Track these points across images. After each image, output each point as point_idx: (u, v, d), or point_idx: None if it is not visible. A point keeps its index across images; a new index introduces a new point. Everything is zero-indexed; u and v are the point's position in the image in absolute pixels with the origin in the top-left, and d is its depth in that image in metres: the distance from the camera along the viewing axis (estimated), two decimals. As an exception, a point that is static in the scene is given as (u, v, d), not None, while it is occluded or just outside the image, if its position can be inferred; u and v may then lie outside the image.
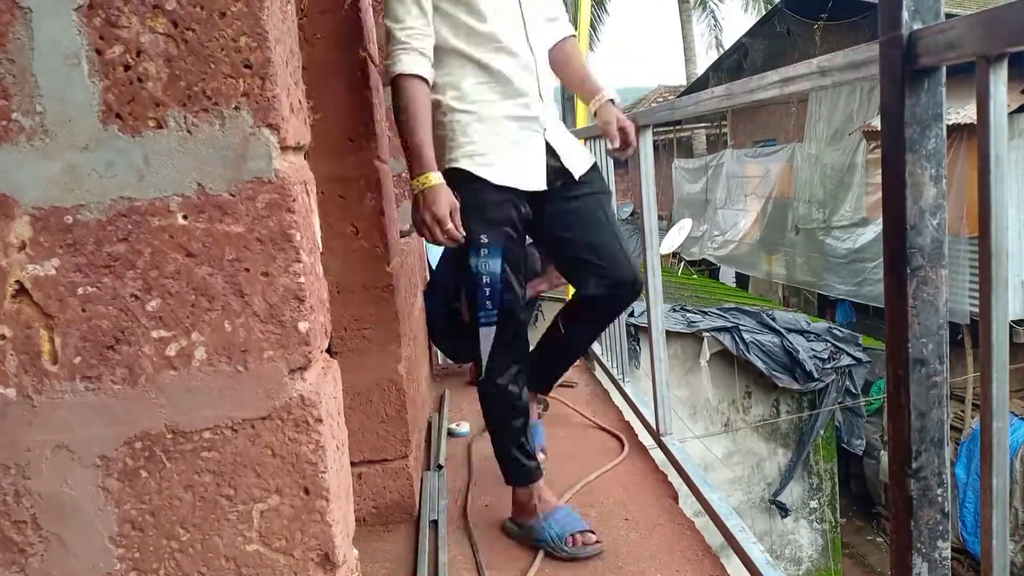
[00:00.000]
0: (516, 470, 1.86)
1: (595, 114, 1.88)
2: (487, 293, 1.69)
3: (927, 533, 0.93)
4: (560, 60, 1.89)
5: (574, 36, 1.95)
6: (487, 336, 1.73)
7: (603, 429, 2.59)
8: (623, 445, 2.42)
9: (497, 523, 1.96)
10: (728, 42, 16.90)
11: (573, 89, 2.02)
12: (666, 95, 17.35)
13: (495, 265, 1.69)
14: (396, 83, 1.60)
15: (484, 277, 1.68)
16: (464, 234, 1.62)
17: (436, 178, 1.59)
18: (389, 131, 2.25)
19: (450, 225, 1.58)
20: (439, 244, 1.63)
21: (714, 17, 19.51)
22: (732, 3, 19.41)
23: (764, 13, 15.17)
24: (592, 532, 1.78)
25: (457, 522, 2.01)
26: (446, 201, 1.58)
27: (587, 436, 2.53)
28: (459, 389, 3.14)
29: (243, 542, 0.78)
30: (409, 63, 1.60)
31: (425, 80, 1.62)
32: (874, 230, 8.55)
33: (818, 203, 9.70)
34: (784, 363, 6.26)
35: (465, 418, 2.79)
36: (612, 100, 1.87)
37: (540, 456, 2.04)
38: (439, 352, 3.45)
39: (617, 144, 1.83)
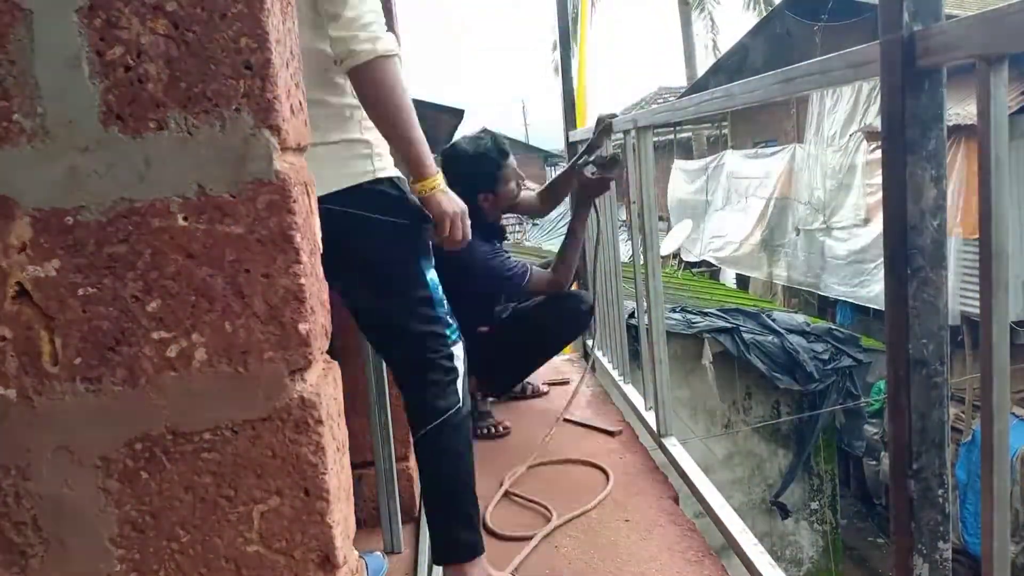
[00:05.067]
0: (471, 537, 1.52)
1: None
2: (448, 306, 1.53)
3: (928, 534, 0.93)
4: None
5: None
6: (459, 354, 1.53)
7: (586, 463, 2.36)
8: (608, 478, 2.21)
9: (494, 521, 1.96)
10: (725, 44, 16.93)
11: None
12: (666, 97, 17.35)
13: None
14: (388, 65, 1.31)
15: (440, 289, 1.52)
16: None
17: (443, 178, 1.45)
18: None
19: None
20: (459, 245, 1.47)
21: (711, 19, 19.47)
22: (731, 4, 19.34)
23: (764, 13, 15.16)
24: None
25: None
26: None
27: (567, 470, 2.36)
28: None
29: (243, 543, 0.78)
30: (394, 43, 1.34)
31: None
32: (872, 232, 8.55)
33: (818, 204, 9.70)
34: (784, 364, 6.25)
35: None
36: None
37: None
38: None
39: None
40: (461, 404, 1.49)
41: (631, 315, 4.93)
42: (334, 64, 1.34)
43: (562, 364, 3.61)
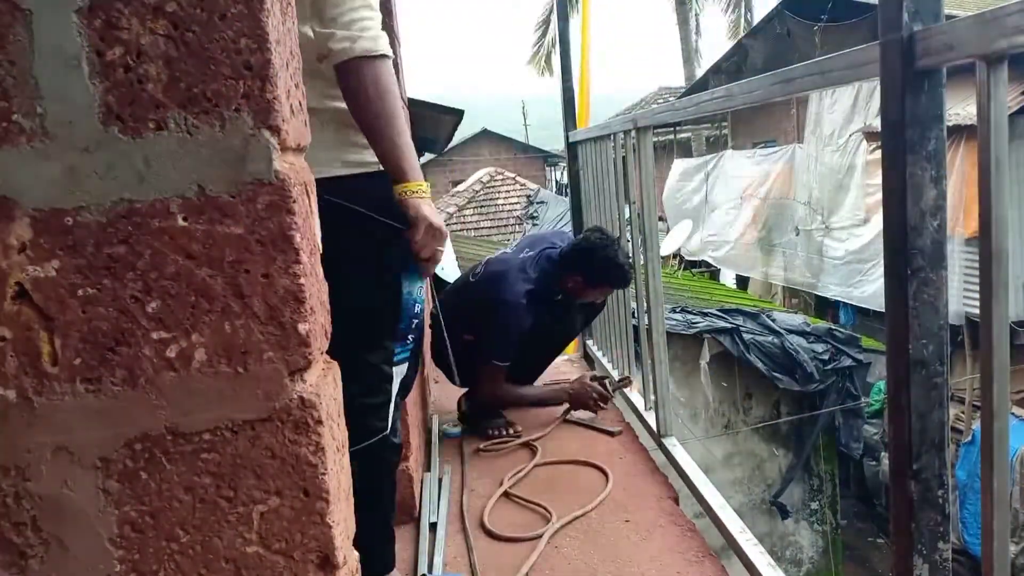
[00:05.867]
0: (387, 553, 1.55)
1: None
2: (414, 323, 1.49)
3: (928, 534, 0.93)
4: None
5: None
6: (398, 376, 1.47)
7: (586, 464, 2.38)
8: (608, 478, 2.22)
9: (493, 522, 1.96)
10: (708, 49, 17.07)
11: None
12: (666, 97, 17.35)
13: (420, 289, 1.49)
14: (365, 66, 1.26)
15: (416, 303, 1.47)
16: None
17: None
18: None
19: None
20: (427, 260, 1.40)
21: (697, 22, 19.46)
22: (714, 8, 19.32)
23: (743, 17, 15.21)
24: None
25: (457, 524, 2.01)
26: None
27: (567, 470, 2.37)
28: (450, 389, 3.14)
29: (243, 544, 0.78)
30: (380, 43, 1.29)
31: None
32: (869, 232, 8.55)
33: (817, 204, 9.70)
34: (784, 364, 6.24)
35: (458, 418, 2.80)
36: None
37: None
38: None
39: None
40: (387, 432, 1.42)
41: (632, 315, 4.92)
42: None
43: (562, 364, 3.61)
